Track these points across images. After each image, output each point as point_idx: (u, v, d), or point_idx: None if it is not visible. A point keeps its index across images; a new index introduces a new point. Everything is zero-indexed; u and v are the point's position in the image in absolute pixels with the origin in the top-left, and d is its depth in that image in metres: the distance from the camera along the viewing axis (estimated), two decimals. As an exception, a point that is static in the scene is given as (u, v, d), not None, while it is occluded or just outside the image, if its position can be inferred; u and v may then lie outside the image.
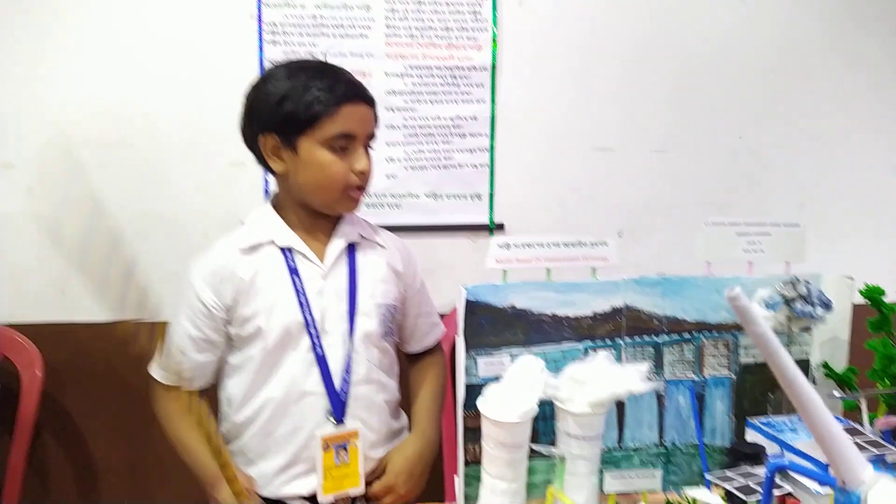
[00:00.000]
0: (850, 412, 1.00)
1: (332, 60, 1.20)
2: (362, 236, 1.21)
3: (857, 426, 0.84)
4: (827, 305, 0.96)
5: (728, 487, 0.81)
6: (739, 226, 1.08)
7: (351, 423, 1.12)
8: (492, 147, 1.82)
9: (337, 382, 1.12)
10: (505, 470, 0.89)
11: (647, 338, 1.06)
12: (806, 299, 0.96)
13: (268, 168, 1.15)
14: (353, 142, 1.10)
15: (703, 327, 1.06)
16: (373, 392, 1.16)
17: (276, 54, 1.68)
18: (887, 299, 0.97)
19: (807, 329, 0.99)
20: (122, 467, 1.83)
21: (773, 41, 1.93)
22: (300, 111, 1.07)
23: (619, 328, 1.05)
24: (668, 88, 1.90)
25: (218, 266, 1.14)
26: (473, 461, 0.98)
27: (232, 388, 1.17)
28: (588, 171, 1.88)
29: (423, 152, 1.79)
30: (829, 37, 1.95)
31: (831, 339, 1.04)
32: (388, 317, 1.19)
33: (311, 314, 1.12)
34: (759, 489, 0.81)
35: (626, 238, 1.91)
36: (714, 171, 1.94)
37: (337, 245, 1.17)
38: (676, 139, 1.92)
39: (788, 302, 0.95)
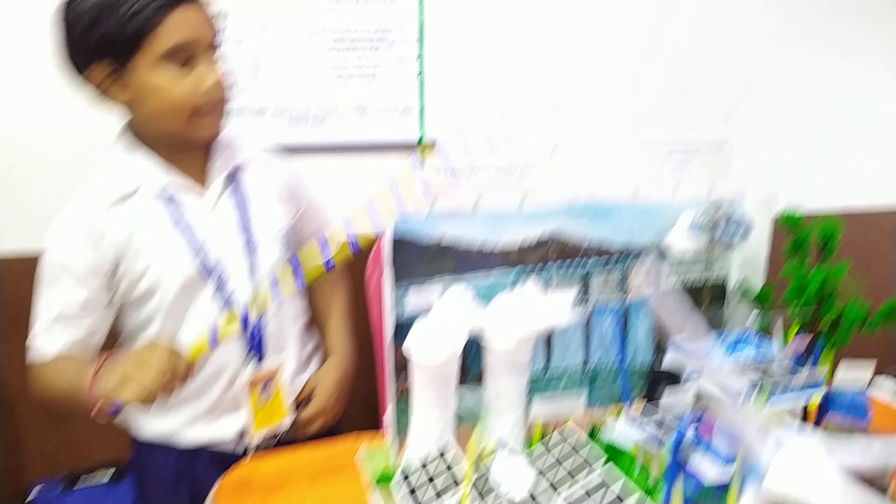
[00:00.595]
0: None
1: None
2: (245, 158, 1.12)
3: (768, 355, 0.87)
4: (746, 231, 0.97)
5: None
6: (670, 142, 1.06)
7: (271, 358, 1.10)
8: (420, 56, 1.72)
9: (250, 322, 1.07)
10: (433, 405, 0.89)
11: (574, 263, 1.05)
12: (727, 222, 0.96)
13: (113, 100, 0.99)
14: (194, 54, 0.95)
15: (629, 252, 1.07)
16: (288, 322, 1.14)
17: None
18: (811, 207, 1.00)
19: (727, 251, 1.01)
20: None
21: None
22: (119, 29, 0.91)
23: (548, 255, 1.04)
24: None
25: (85, 226, 0.99)
26: (404, 394, 0.98)
27: (133, 341, 1.08)
28: (523, 83, 1.82)
29: (349, 62, 1.68)
30: None
31: (751, 256, 1.07)
32: (290, 239, 1.15)
33: (206, 259, 1.03)
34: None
35: (561, 152, 1.89)
36: (648, 81, 1.92)
37: (218, 174, 1.07)
38: (613, 49, 1.87)
39: (711, 226, 0.96)
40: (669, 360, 0.99)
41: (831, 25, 2.02)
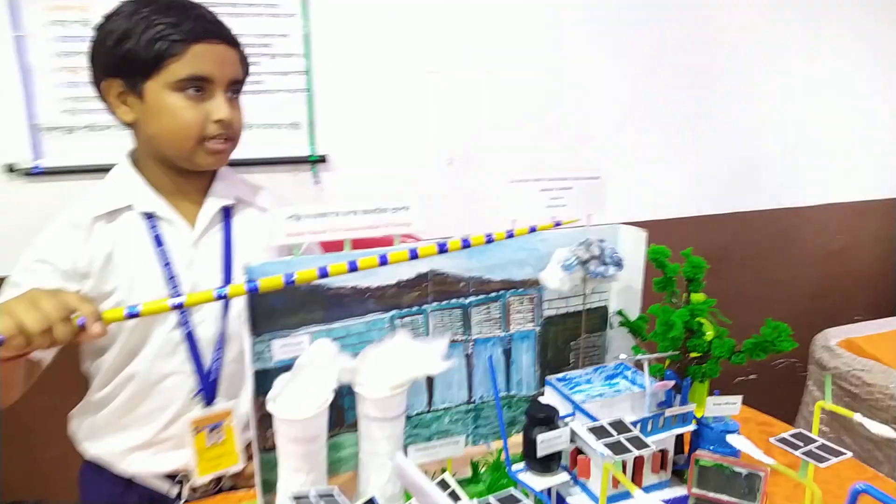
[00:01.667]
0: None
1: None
2: (240, 198, 1.11)
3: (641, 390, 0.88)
4: (618, 264, 0.97)
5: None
6: (542, 181, 1.05)
7: (223, 402, 1.07)
8: (308, 69, 1.65)
9: (207, 362, 1.06)
10: (301, 462, 0.85)
11: (454, 301, 1.03)
12: (599, 259, 0.96)
13: (119, 119, 1.04)
14: (211, 87, 0.99)
15: (508, 285, 1.06)
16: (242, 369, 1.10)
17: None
18: (672, 213, 1.02)
19: (601, 283, 1.01)
20: None
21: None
22: (142, 50, 0.95)
23: (426, 294, 1.01)
24: (496, 5, 1.81)
25: (74, 230, 1.01)
26: (271, 448, 0.93)
27: (90, 364, 1.08)
28: (415, 95, 1.78)
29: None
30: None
31: (626, 287, 1.08)
32: None
33: (178, 287, 1.02)
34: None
35: (457, 165, 1.87)
36: (541, 90, 1.92)
37: (209, 207, 1.07)
38: (505, 59, 1.85)
39: (583, 263, 0.96)
40: (545, 401, 0.98)
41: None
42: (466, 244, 0.93)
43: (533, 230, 0.98)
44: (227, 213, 1.10)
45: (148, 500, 1.10)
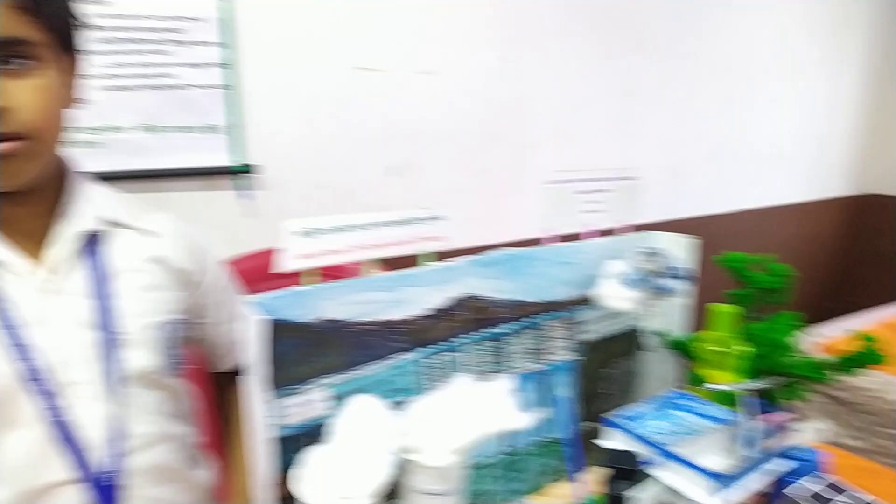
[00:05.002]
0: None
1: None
2: (110, 219, 0.75)
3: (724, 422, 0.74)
4: (682, 277, 0.84)
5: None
6: (576, 183, 0.90)
7: None
8: (230, 62, 1.37)
9: (99, 459, 0.70)
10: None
11: (489, 330, 0.84)
12: (664, 271, 0.82)
13: None
14: None
15: (547, 307, 0.88)
16: (164, 455, 0.77)
17: None
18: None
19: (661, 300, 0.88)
20: None
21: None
22: None
23: (457, 324, 0.81)
24: (442, 3, 1.64)
25: None
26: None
27: None
28: (352, 95, 1.56)
29: (129, 66, 1.28)
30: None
31: (667, 303, 0.94)
32: (173, 339, 0.77)
33: (32, 360, 0.67)
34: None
35: (395, 175, 1.67)
36: (483, 94, 1.78)
37: (63, 239, 0.71)
38: (445, 58, 1.69)
39: (646, 277, 0.81)
40: (608, 438, 0.82)
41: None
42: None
43: (567, 239, 0.82)
44: (90, 241, 0.74)
45: None
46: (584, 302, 0.90)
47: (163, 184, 1.35)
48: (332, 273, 0.73)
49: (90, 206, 0.73)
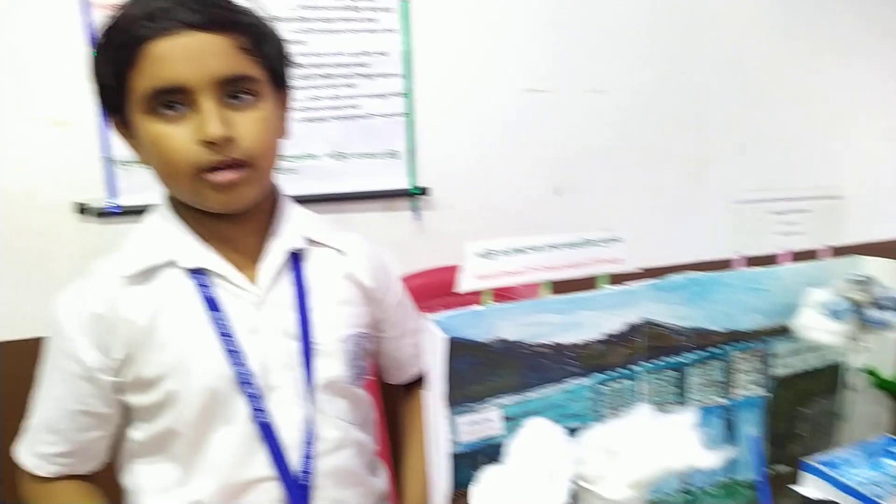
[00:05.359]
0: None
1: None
2: (310, 240, 0.82)
3: None
4: (898, 308, 0.74)
5: None
6: (773, 202, 0.83)
7: None
8: (409, 91, 1.46)
9: (295, 459, 0.77)
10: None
11: (668, 359, 0.80)
12: (873, 302, 0.73)
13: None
14: (191, 96, 0.69)
15: (733, 337, 0.82)
16: (347, 460, 0.83)
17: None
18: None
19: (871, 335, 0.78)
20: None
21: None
22: (104, 71, 0.70)
23: (636, 351, 0.78)
24: (604, 21, 1.62)
25: (97, 306, 0.74)
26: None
27: (139, 478, 0.80)
28: (520, 118, 1.58)
29: (320, 99, 1.41)
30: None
31: (877, 338, 0.83)
32: (359, 351, 0.83)
33: (245, 365, 0.75)
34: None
35: (563, 195, 1.66)
36: (654, 113, 1.71)
37: (273, 257, 0.79)
38: (613, 78, 1.66)
39: (857, 308, 0.72)
40: (806, 485, 0.74)
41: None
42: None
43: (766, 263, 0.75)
44: (295, 260, 0.81)
45: None
46: (777, 332, 0.83)
47: (346, 205, 1.46)
48: (502, 294, 0.74)
49: (295, 226, 0.82)
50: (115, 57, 0.69)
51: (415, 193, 1.48)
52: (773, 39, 1.79)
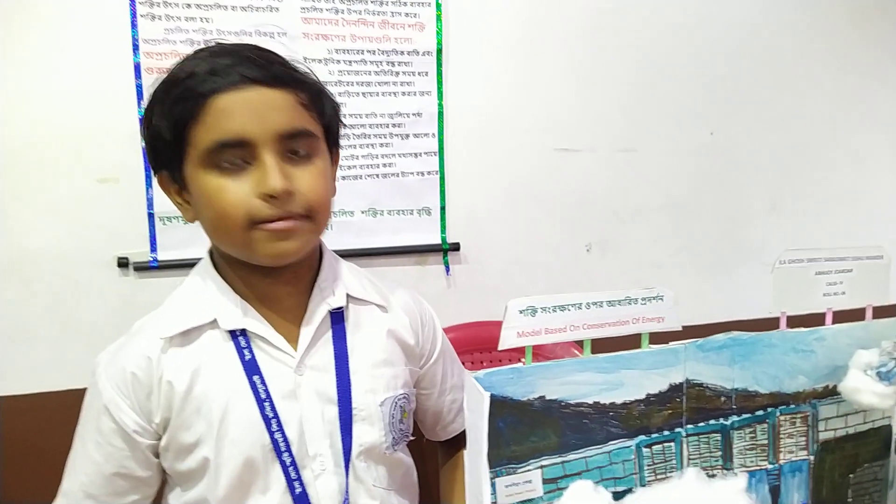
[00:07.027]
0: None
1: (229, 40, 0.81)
2: (351, 295, 0.82)
3: None
4: (953, 372, 0.72)
5: None
6: (818, 262, 0.82)
7: None
8: (441, 150, 1.49)
9: None
10: None
11: (712, 422, 0.78)
12: (926, 364, 0.71)
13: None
14: (253, 150, 0.70)
15: (778, 400, 0.80)
16: None
17: (154, 31, 1.27)
18: None
19: None
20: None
21: (743, 31, 1.72)
22: (163, 123, 0.71)
23: (679, 412, 0.76)
24: (634, 81, 1.65)
25: (136, 367, 0.74)
26: None
27: None
28: (550, 176, 1.60)
29: (356, 158, 1.45)
30: (802, 29, 1.78)
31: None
32: (398, 415, 0.82)
33: (283, 432, 0.74)
34: None
35: (595, 252, 1.66)
36: (684, 171, 1.72)
37: (314, 317, 0.79)
38: (644, 137, 1.68)
39: (907, 370, 0.71)
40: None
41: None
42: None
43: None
44: (337, 317, 0.81)
45: None
46: (823, 395, 0.81)
47: (379, 260, 1.48)
48: (540, 352, 0.73)
49: (339, 283, 0.82)
50: (176, 111, 0.70)
51: (446, 249, 1.50)
52: (807, 99, 1.80)
